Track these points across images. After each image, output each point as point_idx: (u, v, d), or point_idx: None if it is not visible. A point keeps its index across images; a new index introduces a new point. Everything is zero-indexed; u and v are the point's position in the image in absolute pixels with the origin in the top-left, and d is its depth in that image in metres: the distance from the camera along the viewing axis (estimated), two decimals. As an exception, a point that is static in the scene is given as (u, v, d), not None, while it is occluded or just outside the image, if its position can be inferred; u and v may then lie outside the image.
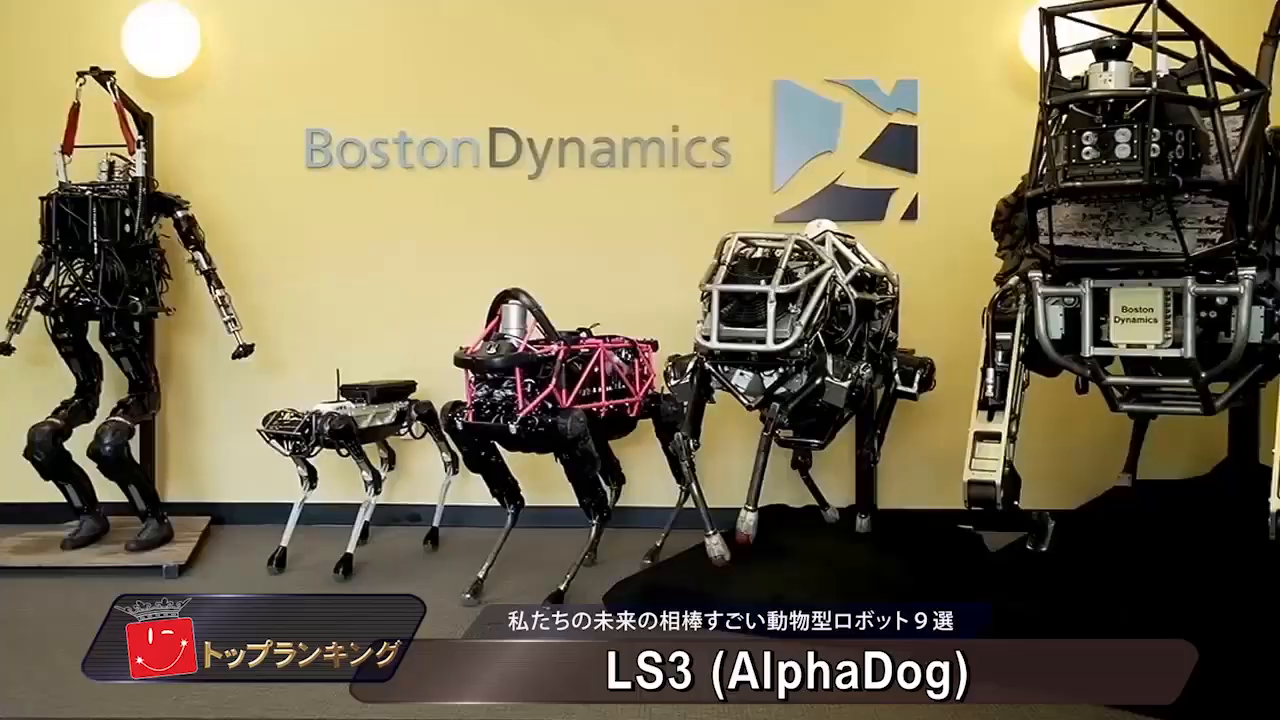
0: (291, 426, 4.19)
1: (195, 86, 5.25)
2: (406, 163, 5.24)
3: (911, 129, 5.07)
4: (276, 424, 4.23)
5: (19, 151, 5.12)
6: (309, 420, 4.19)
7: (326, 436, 4.19)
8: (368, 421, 4.44)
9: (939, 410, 4.68)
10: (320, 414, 4.22)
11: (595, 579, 3.94)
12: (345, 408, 4.34)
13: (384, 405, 4.55)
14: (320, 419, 4.20)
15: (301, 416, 4.21)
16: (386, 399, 4.57)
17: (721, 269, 3.88)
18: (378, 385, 4.56)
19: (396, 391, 4.65)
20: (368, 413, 4.44)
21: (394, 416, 4.60)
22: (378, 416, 4.51)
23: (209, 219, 4.88)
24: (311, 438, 4.18)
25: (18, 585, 4.11)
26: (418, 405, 4.67)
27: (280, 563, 4.32)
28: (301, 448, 4.21)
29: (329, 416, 4.21)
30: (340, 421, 4.20)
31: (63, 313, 4.56)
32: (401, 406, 4.63)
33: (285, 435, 4.19)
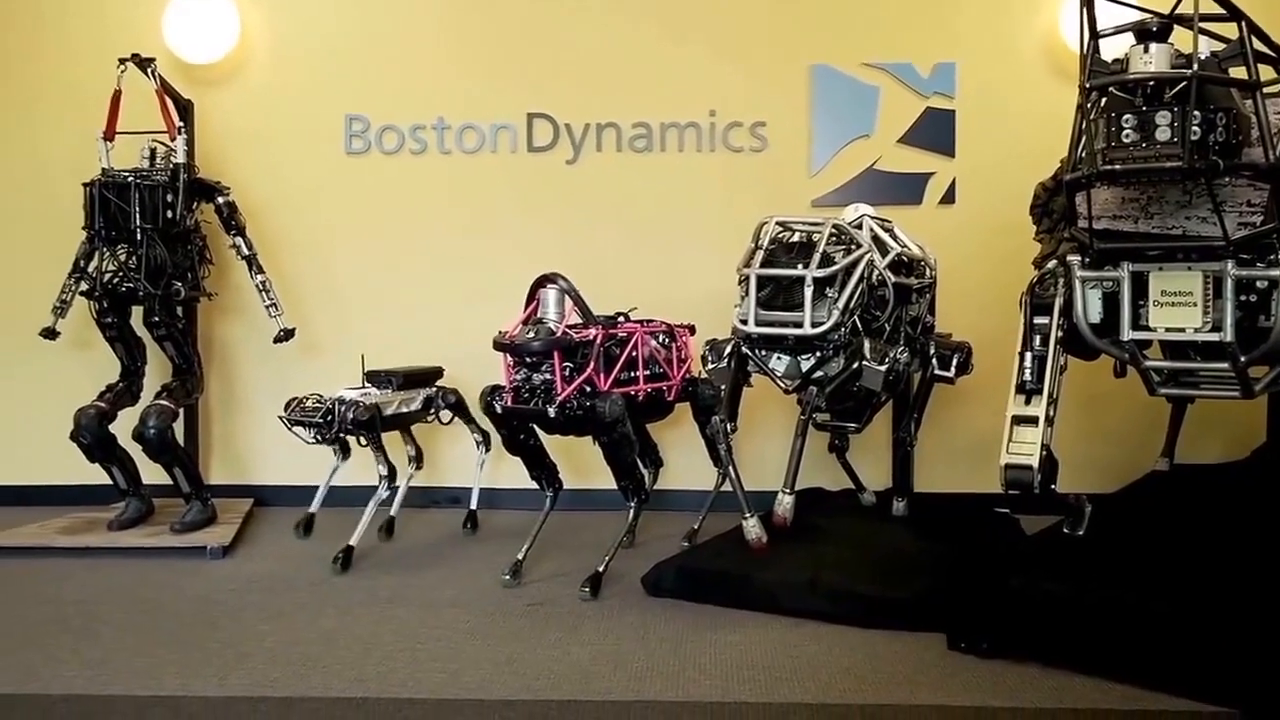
0: (314, 413, 4.05)
1: (235, 73, 5.32)
2: (444, 148, 5.28)
3: (949, 113, 5.07)
4: (298, 410, 4.09)
5: (62, 138, 5.20)
6: (332, 406, 4.06)
7: (350, 425, 4.07)
8: (393, 408, 4.35)
9: (976, 394, 4.69)
10: (344, 400, 4.11)
11: (633, 561, 3.98)
12: (370, 394, 4.27)
13: (410, 391, 4.48)
14: (344, 405, 4.08)
15: (325, 403, 4.08)
16: (413, 385, 4.50)
17: (759, 253, 3.89)
18: (404, 371, 4.48)
19: (424, 377, 4.59)
20: (393, 399, 4.36)
21: (421, 403, 4.52)
22: (404, 403, 4.43)
23: (249, 204, 4.95)
24: (335, 424, 4.05)
25: (65, 565, 4.19)
26: (445, 392, 4.62)
27: (308, 528, 4.50)
28: (324, 434, 4.07)
29: (353, 404, 4.10)
30: (365, 411, 4.11)
31: (106, 298, 4.64)
32: (429, 393, 4.57)
33: (307, 422, 4.05)
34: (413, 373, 4.52)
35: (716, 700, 2.78)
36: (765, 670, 3.01)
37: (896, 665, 3.03)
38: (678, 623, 3.44)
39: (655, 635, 3.31)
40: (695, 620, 3.47)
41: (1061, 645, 3.01)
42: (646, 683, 2.91)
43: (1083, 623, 3.04)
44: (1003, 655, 3.05)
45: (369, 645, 3.22)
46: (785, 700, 2.78)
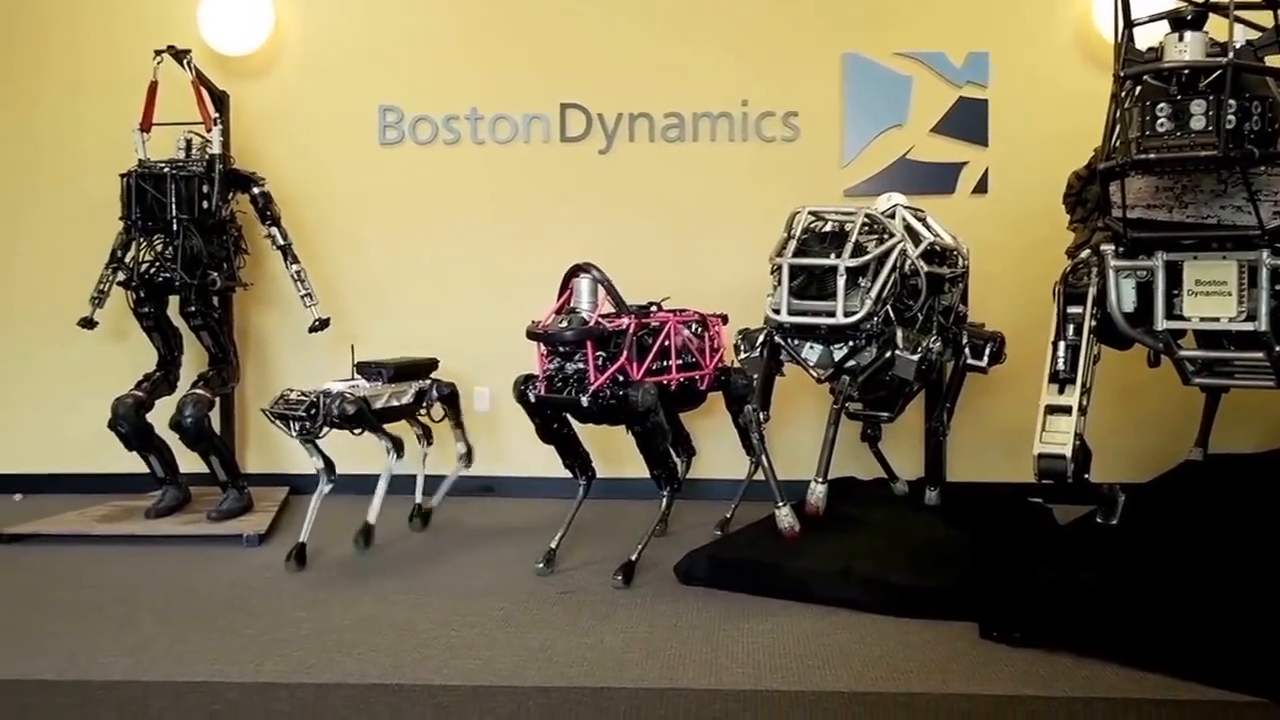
0: (296, 407, 3.85)
1: (269, 64, 5.37)
2: (478, 138, 5.31)
3: (982, 102, 5.05)
4: (281, 404, 3.90)
5: (99, 129, 5.27)
6: (316, 400, 3.87)
7: (336, 418, 3.87)
8: (383, 402, 4.18)
9: (1009, 383, 4.67)
10: (330, 394, 3.91)
11: (666, 549, 4.00)
12: (358, 386, 4.10)
13: (402, 384, 4.32)
14: (330, 399, 3.88)
15: (308, 396, 3.88)
16: (405, 378, 4.35)
17: (791, 243, 3.88)
18: (394, 363, 4.33)
19: (416, 370, 4.45)
20: (383, 392, 4.19)
21: (412, 396, 4.36)
22: (394, 396, 4.26)
23: (284, 195, 4.99)
24: (319, 419, 3.85)
25: (104, 553, 4.25)
26: (440, 385, 4.48)
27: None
28: (308, 430, 3.87)
29: (339, 396, 3.90)
30: (352, 404, 3.90)
31: (144, 288, 4.69)
32: (421, 386, 4.42)
33: (290, 416, 3.85)
34: (405, 365, 4.38)
35: (749, 688, 2.80)
36: (798, 658, 3.02)
37: (929, 654, 3.04)
38: (710, 611, 3.46)
39: (688, 623, 3.33)
40: (728, 609, 3.49)
41: (1094, 635, 3.01)
42: (679, 670, 2.93)
43: (1115, 613, 3.03)
44: (1035, 645, 3.05)
45: (404, 632, 3.26)
46: (818, 688, 2.79)
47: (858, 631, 3.24)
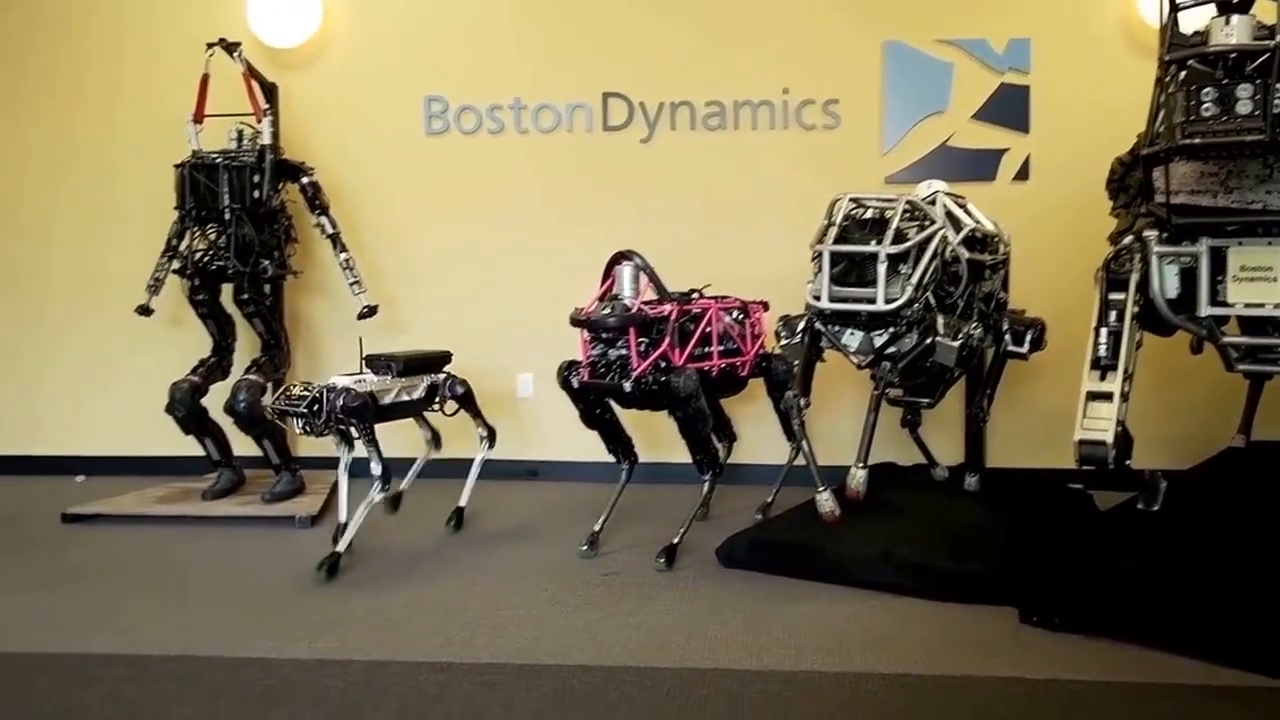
0: (299, 402, 3.73)
1: (317, 56, 5.44)
2: (521, 128, 5.36)
3: (1024, 88, 5.02)
4: (284, 400, 3.79)
5: (153, 121, 5.37)
6: (320, 395, 3.74)
7: (339, 414, 3.74)
8: (392, 396, 4.04)
9: (1049, 370, 4.67)
10: (335, 388, 3.79)
11: (708, 533, 4.03)
12: (366, 381, 3.96)
13: (412, 378, 4.17)
14: (334, 394, 3.75)
15: (311, 391, 3.76)
16: (415, 371, 4.19)
17: (832, 230, 3.88)
18: (404, 356, 4.18)
19: (428, 363, 4.29)
20: (392, 386, 4.05)
21: (424, 391, 4.21)
22: (405, 391, 4.11)
23: (332, 184, 5.06)
24: (322, 414, 3.73)
25: (161, 533, 4.36)
26: (453, 380, 4.33)
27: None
28: (313, 425, 3.75)
29: (344, 391, 3.77)
30: (355, 399, 3.76)
31: (198, 276, 4.77)
32: (434, 380, 4.28)
33: (293, 411, 3.74)
34: (415, 358, 4.23)
35: (790, 669, 2.83)
36: (838, 640, 3.04)
37: (969, 638, 3.06)
38: (751, 593, 3.50)
39: (729, 605, 3.37)
40: (768, 591, 3.52)
41: (1134, 620, 3.01)
42: (721, 651, 2.97)
43: (1156, 598, 3.04)
44: (1075, 630, 3.06)
45: (452, 613, 3.32)
46: (859, 670, 2.81)
47: (898, 615, 3.26)
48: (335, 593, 3.54)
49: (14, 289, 5.68)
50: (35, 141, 5.62)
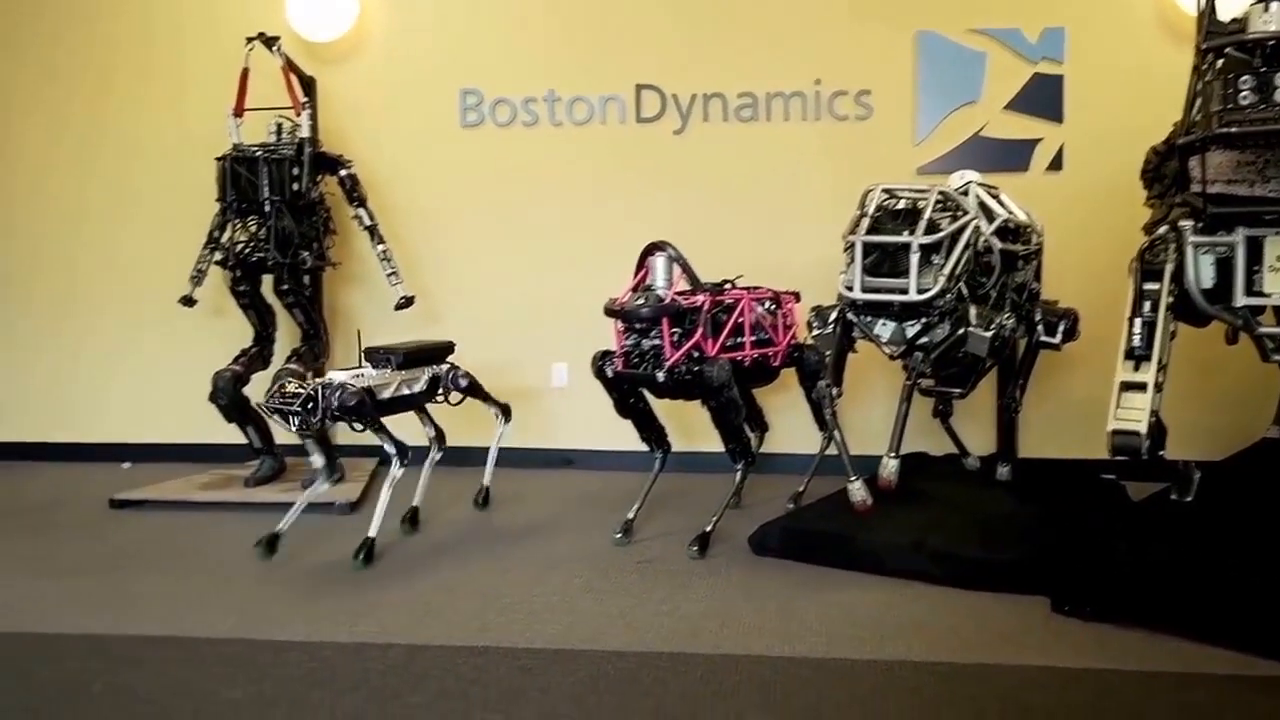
0: (293, 400, 3.56)
1: (354, 50, 5.49)
2: (555, 120, 5.38)
3: (1057, 78, 4.99)
4: (277, 397, 3.62)
5: (194, 115, 5.43)
6: (314, 392, 3.59)
7: (335, 411, 3.61)
8: (391, 390, 3.94)
9: (1082, 360, 4.66)
10: (330, 384, 3.65)
11: (740, 521, 4.06)
12: (364, 375, 3.85)
13: (413, 371, 4.06)
14: (330, 390, 3.61)
15: (306, 388, 3.61)
16: (416, 363, 4.08)
17: (865, 220, 3.86)
18: (405, 348, 4.07)
19: (429, 355, 4.19)
20: (392, 380, 3.95)
21: (425, 384, 4.12)
22: (405, 384, 4.02)
23: (369, 176, 5.11)
24: (317, 412, 3.57)
25: (205, 518, 4.44)
26: (456, 372, 4.23)
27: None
28: (308, 424, 3.59)
29: (339, 387, 3.63)
30: (352, 395, 3.63)
31: (239, 267, 4.84)
32: (436, 372, 4.17)
33: (286, 410, 3.57)
34: (416, 350, 4.13)
35: (822, 656, 2.85)
36: (870, 628, 3.06)
37: (1001, 626, 3.07)
38: (783, 581, 3.52)
39: (761, 593, 3.40)
40: (800, 579, 3.55)
41: (1167, 610, 3.01)
42: (754, 638, 3.00)
43: (1188, 589, 3.04)
44: (1107, 619, 3.06)
45: (488, 598, 3.38)
46: (891, 657, 2.83)
47: (929, 603, 3.28)
48: (374, 578, 3.60)
49: (54, 278, 5.79)
50: (68, 133, 5.72)
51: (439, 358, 4.23)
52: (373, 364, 3.98)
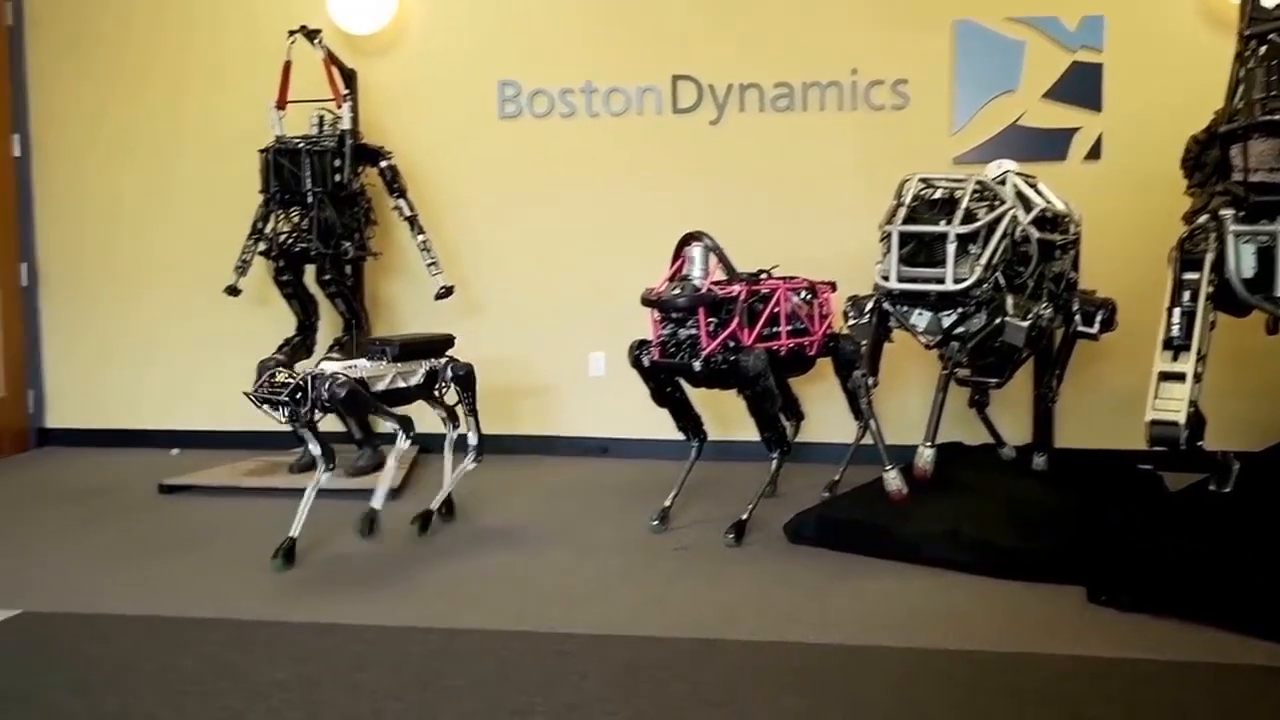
0: (281, 390, 3.46)
1: (394, 42, 5.53)
2: (592, 111, 5.41)
3: (1096, 66, 4.94)
4: (266, 388, 3.51)
5: (238, 108, 5.50)
6: (303, 382, 3.49)
7: (326, 402, 3.50)
8: (385, 383, 3.81)
9: (1119, 350, 4.63)
10: (321, 375, 3.54)
11: (776, 510, 4.07)
12: (356, 366, 3.75)
13: (409, 364, 3.92)
14: (320, 381, 3.51)
15: (295, 379, 3.50)
16: (413, 356, 3.95)
17: (901, 210, 3.87)
18: (400, 339, 3.96)
19: (427, 347, 4.06)
20: (386, 372, 3.81)
21: (422, 377, 3.96)
22: (401, 376, 3.87)
23: (409, 168, 5.16)
24: (306, 403, 3.47)
25: (250, 504, 4.51)
26: (455, 365, 4.07)
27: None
28: (297, 415, 3.49)
29: (331, 378, 3.52)
30: (342, 386, 3.51)
31: (283, 257, 4.91)
32: (434, 365, 4.02)
33: (274, 400, 3.47)
34: (413, 342, 4.02)
35: (857, 643, 2.86)
36: (905, 617, 3.07)
37: (1036, 616, 3.07)
38: (818, 569, 3.54)
39: (797, 580, 3.42)
40: (836, 567, 3.56)
41: (1204, 601, 3.00)
42: (789, 625, 3.02)
43: (1226, 579, 3.03)
44: (1143, 609, 3.05)
45: (527, 584, 3.43)
46: (925, 645, 2.84)
47: (964, 592, 3.28)
48: (413, 564, 3.66)
49: (107, 269, 5.91)
50: (110, 127, 5.83)
51: (438, 351, 4.09)
52: (368, 355, 3.89)
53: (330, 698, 2.55)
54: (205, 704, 2.51)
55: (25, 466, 5.58)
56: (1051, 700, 2.51)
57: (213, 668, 2.74)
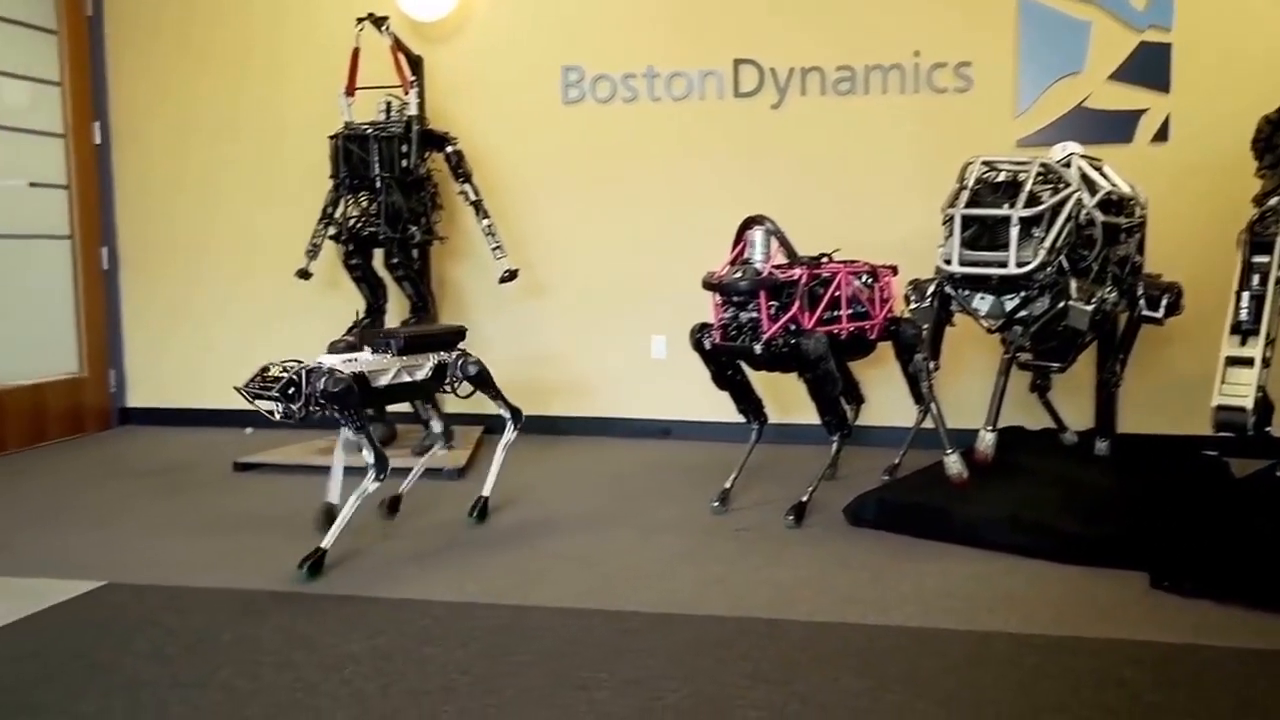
0: (272, 386, 3.23)
1: (459, 28, 5.60)
2: (654, 95, 5.43)
3: (1164, 46, 4.86)
4: (257, 382, 3.27)
5: (308, 95, 5.62)
6: (296, 378, 3.24)
7: (320, 398, 3.25)
8: (389, 378, 3.60)
9: (1185, 335, 4.58)
10: (317, 370, 3.30)
11: (836, 492, 4.10)
12: (356, 360, 3.52)
13: (416, 357, 3.72)
14: (314, 376, 3.27)
15: (289, 373, 3.25)
16: (420, 349, 3.74)
17: (964, 193, 3.85)
18: (408, 331, 3.79)
19: (435, 340, 3.86)
20: (389, 366, 3.61)
21: (430, 372, 3.76)
22: (406, 371, 3.67)
23: (474, 153, 5.22)
24: (299, 399, 3.23)
25: (321, 481, 4.43)
26: (466, 359, 3.89)
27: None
28: (290, 412, 3.25)
29: (326, 373, 3.29)
30: (337, 381, 3.26)
31: (352, 241, 5.01)
32: (442, 359, 3.82)
33: (267, 395, 3.23)
34: (420, 334, 3.82)
35: (917, 626, 2.88)
36: (965, 600, 3.08)
37: (1097, 601, 3.06)
38: (878, 552, 3.55)
39: (857, 562, 3.44)
40: (895, 550, 3.58)
41: (1270, 587, 2.98)
42: (849, 607, 3.04)
43: (1291, 566, 3.02)
44: (1207, 596, 3.02)
45: (590, 563, 3.48)
46: (986, 629, 2.84)
47: (1025, 577, 3.28)
48: (479, 544, 3.73)
49: (182, 252, 6.08)
50: (219, 111, 5.96)
51: (448, 344, 3.89)
52: (371, 348, 3.69)
53: (401, 670, 2.62)
54: (281, 674, 2.60)
55: (107, 444, 5.77)
56: (1113, 685, 2.50)
57: (288, 639, 2.83)
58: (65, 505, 4.38)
